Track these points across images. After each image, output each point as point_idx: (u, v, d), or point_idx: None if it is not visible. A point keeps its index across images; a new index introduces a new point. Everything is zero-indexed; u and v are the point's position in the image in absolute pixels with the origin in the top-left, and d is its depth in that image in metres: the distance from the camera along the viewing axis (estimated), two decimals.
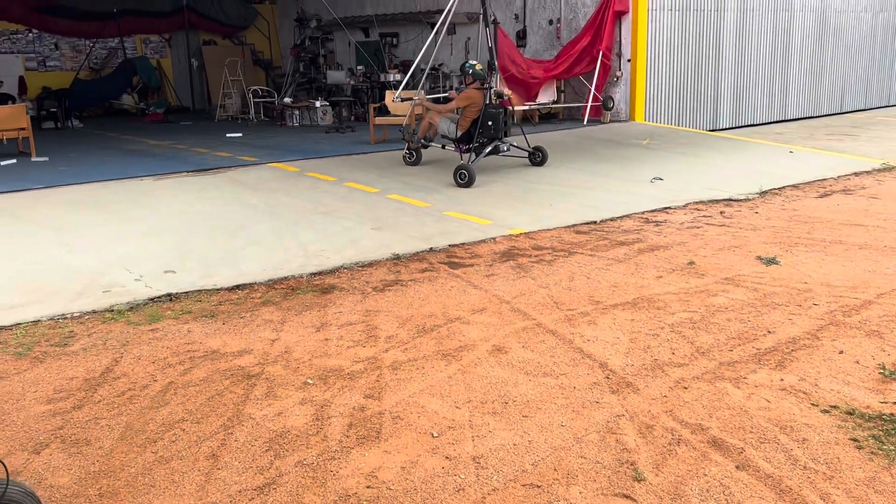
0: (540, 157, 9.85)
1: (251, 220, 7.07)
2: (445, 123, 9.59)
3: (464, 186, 8.53)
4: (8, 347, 4.05)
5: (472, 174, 8.55)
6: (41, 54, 19.67)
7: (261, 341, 4.17)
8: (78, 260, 5.77)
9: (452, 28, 17.01)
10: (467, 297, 4.93)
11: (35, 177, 9.19)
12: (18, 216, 7.24)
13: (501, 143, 9.32)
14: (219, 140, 12.81)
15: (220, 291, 5.05)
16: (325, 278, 5.36)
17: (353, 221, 6.99)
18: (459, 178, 8.58)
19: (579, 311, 4.64)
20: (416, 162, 9.92)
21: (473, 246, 6.21)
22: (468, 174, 8.54)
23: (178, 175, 9.24)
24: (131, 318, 4.55)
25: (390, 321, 4.49)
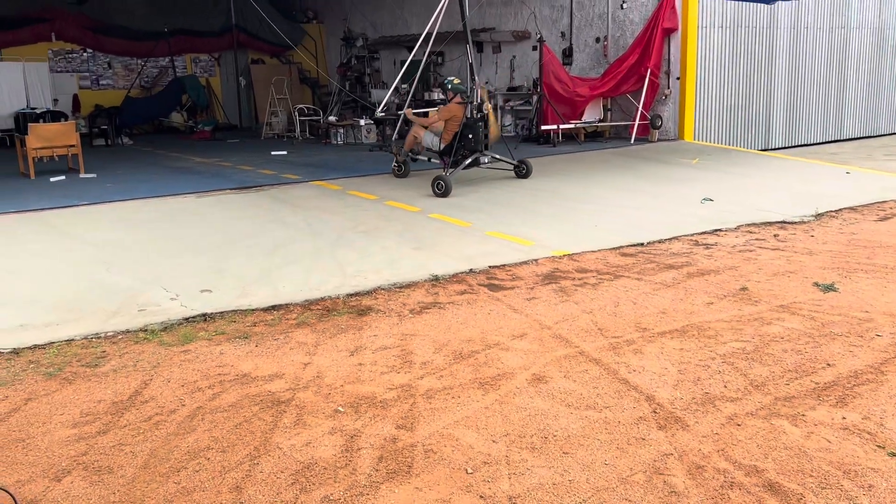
0: (525, 169, 10.09)
1: (291, 238, 7.00)
2: (429, 137, 9.90)
3: (441, 196, 8.85)
4: (39, 367, 4.00)
5: (449, 184, 8.87)
6: (95, 73, 20.17)
7: (293, 365, 4.05)
8: (116, 278, 5.76)
9: (498, 46, 16.93)
10: (507, 321, 4.75)
11: (82, 193, 9.31)
12: (63, 232, 7.31)
13: (482, 156, 9.67)
14: (263, 158, 12.89)
15: (255, 312, 4.96)
16: (361, 299, 5.24)
17: (392, 241, 6.88)
18: (437, 188, 8.91)
19: (625, 338, 4.42)
20: (404, 174, 10.27)
21: (515, 268, 6.03)
22: (445, 184, 8.86)
23: (220, 192, 9.26)
24: (164, 338, 4.48)
25: (426, 346, 4.33)
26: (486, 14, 17.07)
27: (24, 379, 3.84)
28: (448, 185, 8.88)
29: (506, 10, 16.51)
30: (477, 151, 9.55)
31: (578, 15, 14.87)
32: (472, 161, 9.56)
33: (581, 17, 14.83)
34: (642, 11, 13.44)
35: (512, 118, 16.37)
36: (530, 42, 15.87)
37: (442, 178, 8.93)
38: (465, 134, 9.50)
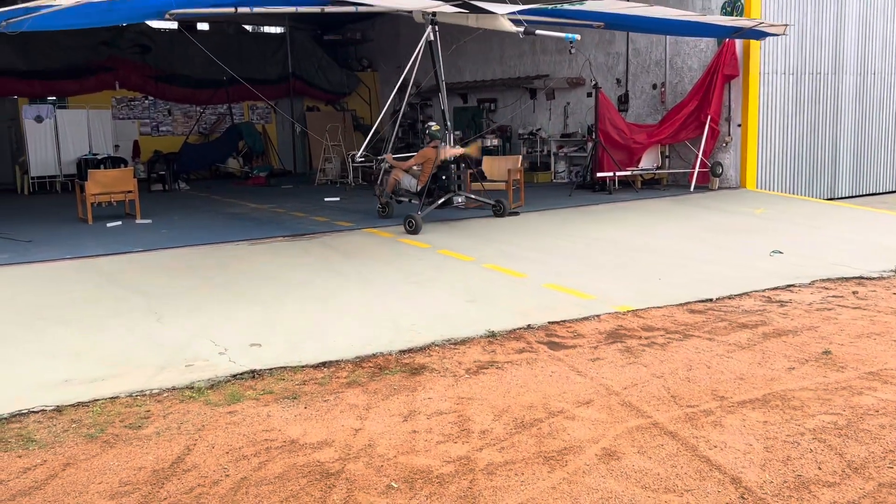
0: (502, 208, 10.61)
1: (342, 288, 6.82)
2: (407, 179, 10.50)
3: (411, 233, 9.31)
4: (81, 427, 3.83)
5: (419, 223, 9.37)
6: (155, 120, 20.68)
7: (343, 431, 3.80)
8: (165, 329, 5.63)
9: (552, 93, 16.80)
10: (571, 385, 4.43)
11: (136, 239, 9.34)
12: (114, 280, 7.27)
13: (455, 196, 10.27)
14: (317, 204, 12.87)
15: (304, 369, 4.75)
16: (415, 356, 4.99)
17: (445, 292, 6.64)
18: (408, 226, 9.41)
19: (702, 408, 4.06)
20: (388, 215, 10.73)
21: (575, 324, 5.72)
22: (415, 222, 9.36)
23: (273, 240, 9.19)
24: (210, 397, 4.28)
25: (485, 412, 4.04)
26: (540, 61, 17.00)
27: (65, 441, 3.66)
28: (418, 223, 9.39)
29: (560, 57, 16.41)
30: (450, 192, 10.16)
31: (635, 61, 14.67)
32: (445, 200, 10.14)
33: (637, 63, 14.62)
34: (701, 58, 13.17)
35: (566, 164, 16.14)
36: (585, 88, 15.70)
37: (412, 217, 9.43)
38: (438, 175, 10.09)
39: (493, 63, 18.61)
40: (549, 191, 14.04)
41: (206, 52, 18.91)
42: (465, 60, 19.44)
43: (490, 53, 18.47)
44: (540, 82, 16.79)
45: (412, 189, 10.43)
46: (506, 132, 17.96)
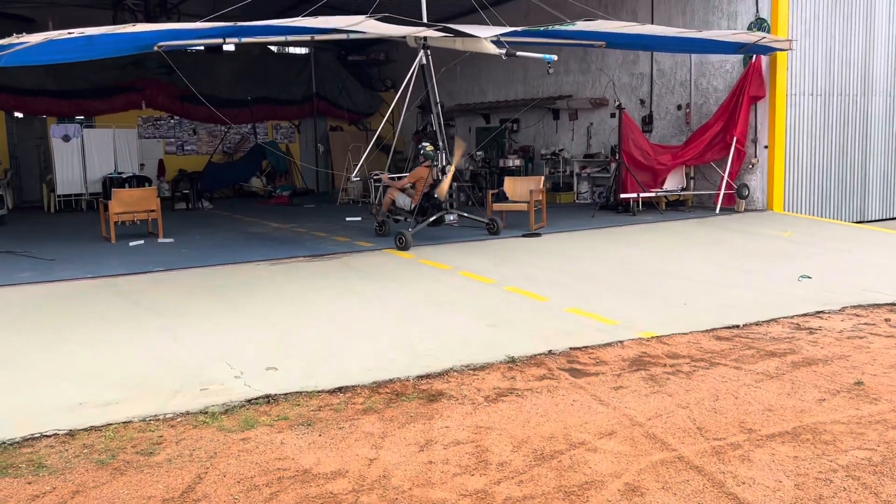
0: (496, 226, 10.81)
1: (360, 311, 6.75)
2: (402, 198, 10.87)
3: (401, 249, 9.60)
4: (93, 453, 3.77)
5: (408, 239, 9.65)
6: (180, 139, 20.89)
7: (357, 460, 3.70)
8: (181, 351, 5.58)
9: (575, 114, 16.72)
10: (593, 415, 4.30)
11: (157, 259, 9.35)
12: (134, 300, 7.25)
13: (447, 214, 10.70)
14: (338, 224, 12.85)
15: (320, 394, 4.67)
16: (432, 382, 4.88)
17: (465, 316, 6.54)
18: (398, 242, 9.71)
19: (729, 441, 3.91)
20: (385, 234, 10.82)
21: (598, 350, 5.59)
22: (405, 239, 9.65)
23: (293, 260, 9.16)
24: (224, 422, 4.21)
25: (503, 442, 3.93)
26: (563, 82, 16.94)
27: (76, 467, 3.60)
28: (408, 239, 9.68)
29: (583, 77, 16.35)
30: (441, 209, 10.53)
31: (659, 82, 14.56)
32: (436, 218, 10.50)
33: (662, 84, 14.50)
34: (727, 79, 13.03)
35: (588, 185, 16.02)
36: (608, 109, 15.61)
37: (402, 233, 9.75)
38: (430, 194, 10.44)
39: (516, 83, 18.59)
40: (572, 212, 13.92)
41: (231, 72, 19.03)
42: (488, 81, 19.45)
43: (513, 74, 18.46)
44: (563, 103, 16.72)
45: (406, 207, 10.78)
46: (528, 152, 17.90)
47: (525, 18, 15.40)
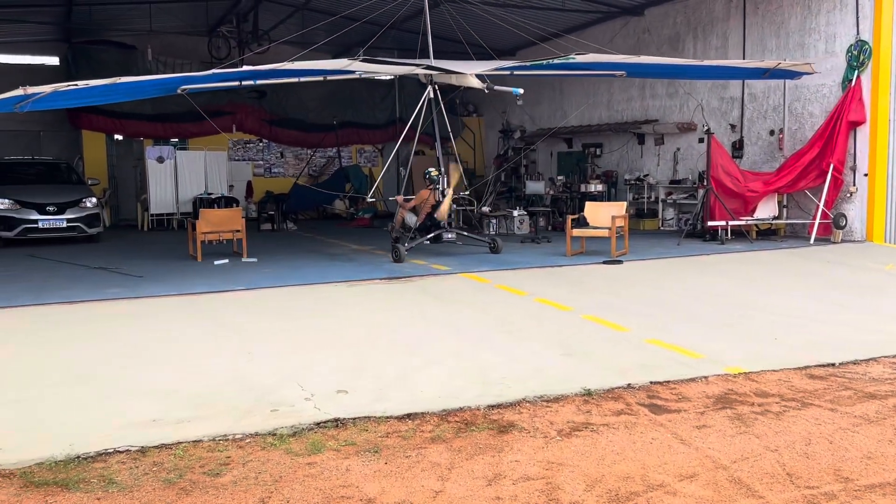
0: (495, 245, 11.68)
1: (433, 335, 6.66)
2: (410, 217, 11.97)
3: (396, 261, 10.72)
4: (161, 471, 3.79)
5: (401, 253, 10.78)
6: (268, 162, 21.49)
7: (422, 492, 3.59)
8: (255, 370, 5.62)
9: (661, 138, 16.32)
10: (673, 455, 4.06)
11: (239, 278, 9.55)
12: (214, 318, 7.39)
13: (445, 232, 11.53)
14: (416, 247, 12.86)
15: (389, 420, 4.58)
16: (503, 413, 4.73)
17: (540, 344, 6.36)
18: (394, 254, 10.87)
19: (823, 490, 3.60)
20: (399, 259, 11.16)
21: (680, 385, 5.31)
22: (399, 252, 10.77)
23: (370, 282, 9.18)
24: (292, 445, 4.17)
25: (576, 480, 3.73)
26: (650, 106, 16.60)
27: (143, 485, 3.62)
28: (401, 253, 10.81)
29: (671, 101, 15.97)
30: (440, 228, 11.50)
31: (751, 107, 14.06)
32: (435, 235, 11.44)
33: (753, 108, 14.00)
34: (824, 103, 12.46)
35: (674, 212, 15.57)
36: (696, 134, 15.17)
37: (397, 247, 10.90)
38: (432, 214, 11.59)
39: (599, 107, 18.34)
40: (656, 239, 13.53)
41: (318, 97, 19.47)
42: (570, 105, 19.26)
43: (597, 97, 18.22)
44: (649, 127, 16.36)
45: (413, 226, 11.86)
46: (611, 178, 17.57)
47: (611, 42, 15.22)
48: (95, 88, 9.66)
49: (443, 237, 11.53)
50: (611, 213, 11.31)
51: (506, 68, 11.77)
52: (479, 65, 11.74)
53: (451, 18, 17.21)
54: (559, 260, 10.82)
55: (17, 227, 13.75)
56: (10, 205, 13.80)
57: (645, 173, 16.66)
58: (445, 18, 18.61)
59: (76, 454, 3.96)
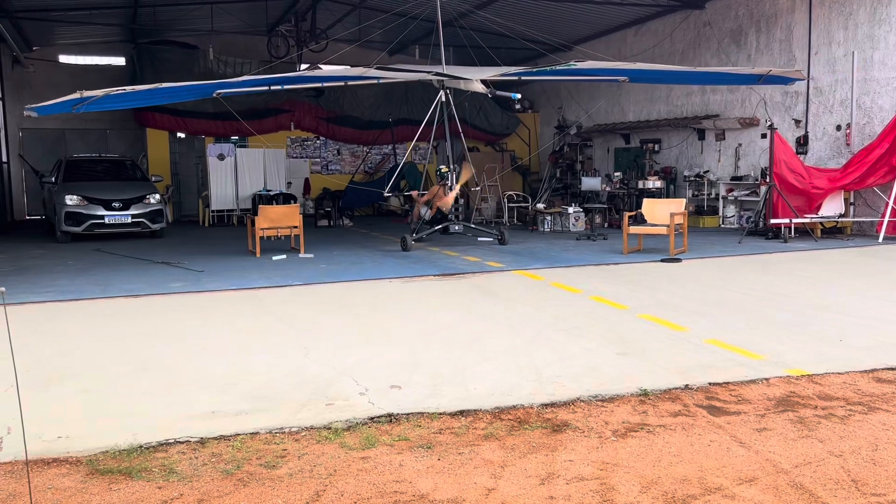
0: (502, 237, 12.74)
1: (487, 332, 6.65)
2: (424, 210, 13.09)
3: (403, 250, 11.90)
4: (220, 462, 3.87)
5: (408, 243, 12.03)
6: (325, 159, 21.76)
7: (475, 489, 3.58)
8: (312, 364, 5.70)
9: (722, 134, 15.96)
10: (732, 458, 3.96)
11: (297, 273, 9.70)
12: (272, 313, 7.53)
13: (451, 224, 12.84)
14: (470, 243, 12.87)
15: (442, 416, 4.59)
16: (557, 411, 4.69)
17: (595, 343, 6.28)
18: (401, 243, 12.07)
19: (890, 497, 3.47)
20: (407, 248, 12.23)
21: (740, 387, 5.18)
22: (405, 242, 12.03)
23: (424, 278, 9.22)
24: (346, 439, 4.21)
25: (631, 481, 3.68)
26: (710, 100, 16.25)
27: (202, 475, 3.71)
28: (407, 242, 12.05)
29: (732, 96, 15.60)
30: (447, 221, 12.78)
31: (816, 101, 13.63)
32: (441, 227, 12.77)
33: (819, 103, 13.57)
34: (894, 97, 11.98)
35: (736, 209, 15.21)
36: (758, 129, 14.79)
37: (404, 237, 12.18)
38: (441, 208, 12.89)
39: (658, 102, 18.03)
40: (716, 236, 13.24)
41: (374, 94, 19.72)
42: (629, 100, 18.99)
43: (655, 93, 17.92)
44: (709, 122, 16.02)
45: (426, 218, 12.99)
46: (670, 174, 17.26)
47: (670, 36, 14.97)
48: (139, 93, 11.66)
49: (450, 229, 12.86)
50: (669, 210, 11.11)
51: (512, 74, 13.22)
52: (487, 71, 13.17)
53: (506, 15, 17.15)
54: (615, 258, 10.69)
55: (85, 223, 14.24)
56: (78, 201, 14.31)
57: (705, 169, 16.32)
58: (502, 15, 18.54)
59: (139, 443, 4.08)
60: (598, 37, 19.81)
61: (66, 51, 21.12)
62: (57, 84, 20.71)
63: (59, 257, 12.06)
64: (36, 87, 20.58)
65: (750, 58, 15.12)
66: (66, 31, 19.54)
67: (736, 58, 15.47)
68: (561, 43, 20.87)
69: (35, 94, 20.47)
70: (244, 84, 12.62)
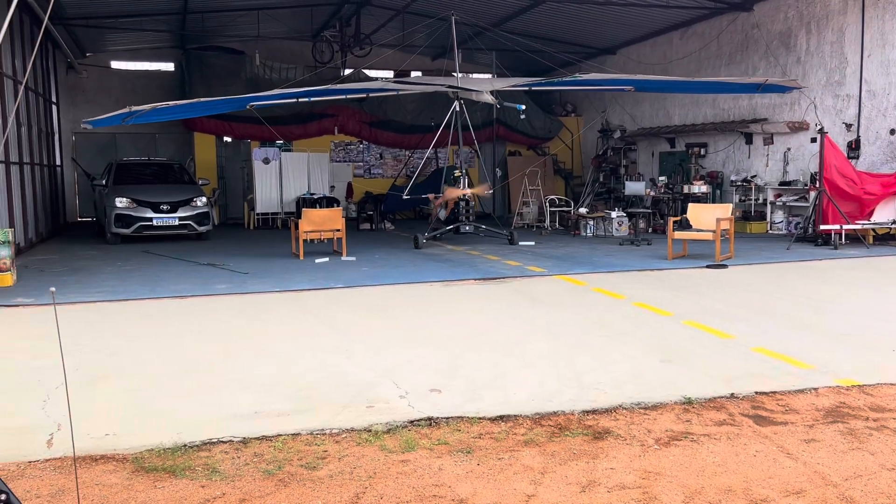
0: (512, 237, 13.84)
1: (528, 337, 6.61)
2: (441, 212, 14.41)
3: (416, 248, 13.01)
4: (261, 462, 3.91)
5: (419, 241, 13.20)
6: (367, 163, 21.91)
7: (515, 495, 3.56)
8: (353, 367, 5.73)
9: (770, 138, 15.65)
10: (778, 469, 3.87)
11: (339, 276, 9.78)
12: (315, 315, 7.59)
13: (462, 225, 13.90)
14: (511, 248, 12.83)
15: (482, 421, 4.57)
16: (598, 418, 4.63)
17: (638, 349, 6.20)
18: (414, 241, 13.24)
19: None
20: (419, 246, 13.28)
21: (787, 396, 5.06)
22: (416, 240, 13.22)
23: (465, 282, 9.21)
24: (386, 442, 4.22)
25: (674, 491, 3.61)
26: (758, 104, 15.95)
27: (244, 475, 3.75)
28: (418, 241, 13.20)
29: (781, 100, 15.29)
30: (459, 221, 13.91)
31: (869, 104, 13.28)
32: (452, 227, 13.90)
33: (872, 106, 13.21)
34: None
35: (784, 215, 14.90)
36: (808, 133, 14.47)
37: (416, 235, 13.41)
38: (454, 210, 14.12)
39: (704, 106, 17.76)
40: (764, 243, 12.98)
41: (416, 99, 19.87)
42: (674, 104, 18.74)
43: (701, 96, 17.65)
44: (757, 126, 15.72)
45: (442, 218, 14.21)
46: (716, 179, 16.97)
47: (717, 39, 14.74)
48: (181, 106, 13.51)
49: (461, 229, 13.87)
50: (715, 215, 10.93)
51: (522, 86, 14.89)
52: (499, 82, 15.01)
53: (549, 19, 17.07)
54: (659, 263, 10.54)
55: (134, 225, 14.56)
56: (128, 203, 14.64)
57: (753, 174, 16.01)
58: (545, 19, 18.48)
59: (183, 442, 4.15)
60: (642, 40, 19.60)
61: (118, 57, 21.66)
62: (108, 89, 21.28)
63: (108, 258, 12.35)
64: (88, 92, 21.15)
65: (800, 60, 14.79)
66: (118, 37, 20.04)
67: (785, 60, 15.15)
68: (604, 47, 20.69)
69: (87, 99, 21.06)
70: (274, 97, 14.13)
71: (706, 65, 17.41)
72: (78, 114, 21.38)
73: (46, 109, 17.74)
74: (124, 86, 21.40)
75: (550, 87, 15.88)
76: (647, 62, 19.48)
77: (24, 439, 4.23)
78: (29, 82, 15.44)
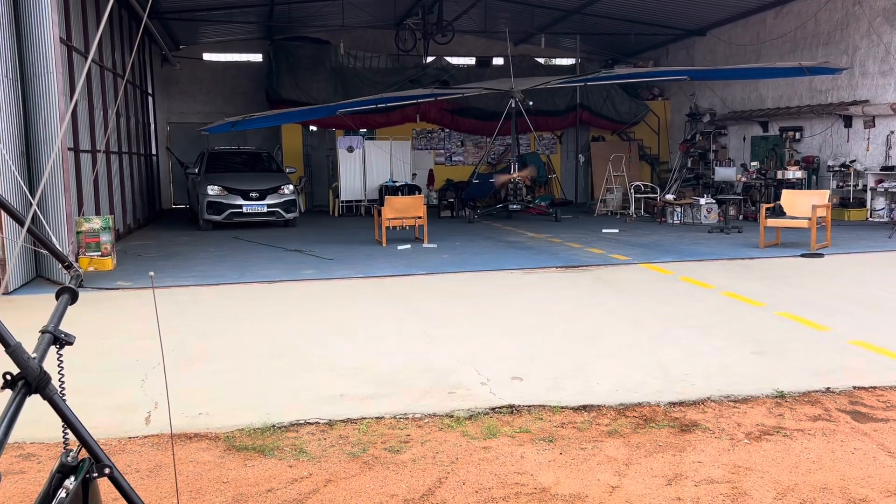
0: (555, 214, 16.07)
1: (611, 326, 6.51)
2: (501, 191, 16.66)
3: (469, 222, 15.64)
4: (346, 444, 3.99)
5: (470, 217, 15.99)
6: (449, 150, 21.96)
7: (598, 486, 3.51)
8: (434, 353, 5.77)
9: (871, 121, 14.84)
10: (879, 468, 3.68)
11: (421, 263, 9.86)
12: (397, 301, 7.68)
13: (511, 204, 16.03)
14: (594, 235, 12.64)
15: (564, 410, 4.53)
16: (685, 411, 4.52)
17: (727, 341, 6.01)
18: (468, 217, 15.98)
19: None
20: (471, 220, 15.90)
21: (889, 392, 4.81)
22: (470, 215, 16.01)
23: (546, 270, 9.14)
24: (468, 428, 4.24)
25: (765, 487, 3.49)
26: (859, 85, 15.14)
27: (330, 456, 3.84)
28: (469, 217, 15.97)
29: (884, 80, 14.47)
30: (507, 201, 16.16)
31: None
32: (501, 206, 16.24)
33: None
34: None
35: (886, 202, 14.14)
36: None
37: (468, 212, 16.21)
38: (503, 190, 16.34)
39: (799, 88, 17.00)
40: (863, 231, 12.36)
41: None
42: (767, 86, 18.01)
43: (797, 78, 16.87)
44: (857, 108, 14.94)
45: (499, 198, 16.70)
46: (812, 164, 16.24)
47: (815, 17, 14.07)
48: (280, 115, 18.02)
49: (509, 207, 16.02)
50: (811, 202, 10.46)
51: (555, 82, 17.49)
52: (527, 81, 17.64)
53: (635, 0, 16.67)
54: (751, 252, 10.18)
55: (225, 212, 15.06)
56: (219, 191, 15.15)
57: (852, 159, 15.24)
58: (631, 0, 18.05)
59: (272, 423, 4.27)
60: (734, 20, 18.89)
61: (209, 49, 22.38)
62: (199, 80, 22.03)
63: (201, 244, 12.83)
64: (181, 84, 21.95)
65: None
66: (210, 29, 20.69)
67: (889, 39, 14.32)
68: (693, 28, 20.05)
69: (181, 90, 21.87)
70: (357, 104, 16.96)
71: (802, 45, 16.63)
72: (172, 105, 22.26)
73: (143, 101, 18.52)
74: (214, 77, 22.12)
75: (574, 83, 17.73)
76: (739, 43, 18.76)
77: (124, 416, 4.44)
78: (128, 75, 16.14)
